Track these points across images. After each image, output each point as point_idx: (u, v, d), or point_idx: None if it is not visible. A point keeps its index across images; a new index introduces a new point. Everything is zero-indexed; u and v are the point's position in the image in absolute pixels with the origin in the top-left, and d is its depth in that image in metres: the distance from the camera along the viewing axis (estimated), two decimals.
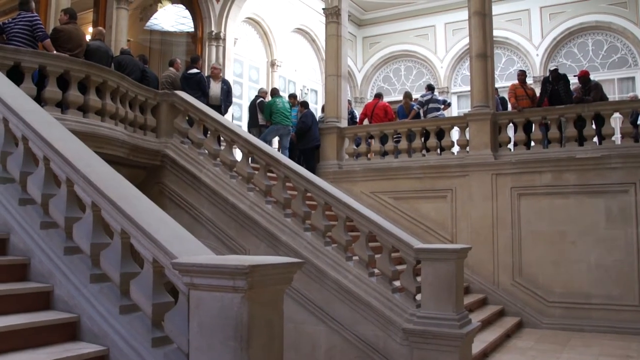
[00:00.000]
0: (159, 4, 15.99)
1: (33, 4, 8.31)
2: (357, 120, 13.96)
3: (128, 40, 12.46)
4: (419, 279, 6.80)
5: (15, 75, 6.83)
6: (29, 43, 7.79)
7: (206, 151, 8.82)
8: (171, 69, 10.97)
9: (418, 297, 6.84)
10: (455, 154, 11.34)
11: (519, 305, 10.10)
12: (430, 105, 12.48)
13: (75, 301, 4.03)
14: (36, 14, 8.20)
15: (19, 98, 5.15)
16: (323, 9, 13.33)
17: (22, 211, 4.69)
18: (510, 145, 11.10)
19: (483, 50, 11.11)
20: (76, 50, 8.17)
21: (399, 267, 7.24)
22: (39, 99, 6.98)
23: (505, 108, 12.17)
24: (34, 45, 7.84)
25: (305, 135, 12.40)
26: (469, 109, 11.44)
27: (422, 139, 11.59)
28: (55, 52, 7.86)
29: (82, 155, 4.49)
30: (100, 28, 10.06)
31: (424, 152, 11.58)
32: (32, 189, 4.66)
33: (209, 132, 9.00)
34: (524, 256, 10.23)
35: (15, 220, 4.67)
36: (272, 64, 17.78)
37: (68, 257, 4.26)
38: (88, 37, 9.66)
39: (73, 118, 7.30)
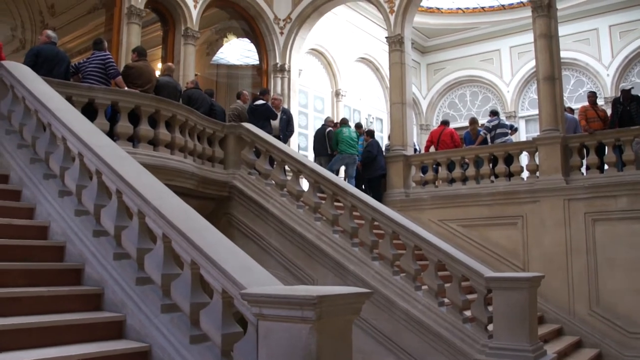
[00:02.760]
0: (225, 39, 16.43)
1: (106, 44, 8.66)
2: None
3: (196, 75, 12.80)
4: (490, 308, 6.62)
5: (90, 111, 7.10)
6: (102, 80, 8.10)
7: (273, 182, 8.90)
8: (238, 101, 11.16)
9: (490, 327, 6.66)
10: (525, 179, 11.08)
11: (598, 336, 9.65)
12: (498, 131, 12.26)
13: (147, 331, 4.08)
14: (108, 53, 8.53)
15: (92, 133, 5.34)
16: (386, 37, 13.35)
17: (97, 242, 4.82)
18: (583, 169, 10.75)
19: (550, 72, 10.86)
20: (146, 86, 8.43)
21: (470, 297, 7.10)
22: (112, 134, 7.23)
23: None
24: (107, 83, 8.15)
25: (371, 164, 12.40)
26: (538, 133, 11.18)
27: (490, 165, 11.38)
28: (126, 88, 8.14)
29: (153, 187, 4.59)
30: (170, 64, 10.35)
31: (492, 178, 11.36)
32: (105, 221, 4.78)
33: (275, 163, 9.09)
34: (600, 284, 9.79)
35: (89, 252, 4.80)
36: (337, 94, 17.90)
37: (140, 288, 4.33)
38: (158, 73, 9.96)
39: (144, 152, 7.52)
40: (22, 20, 14.71)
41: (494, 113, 12.94)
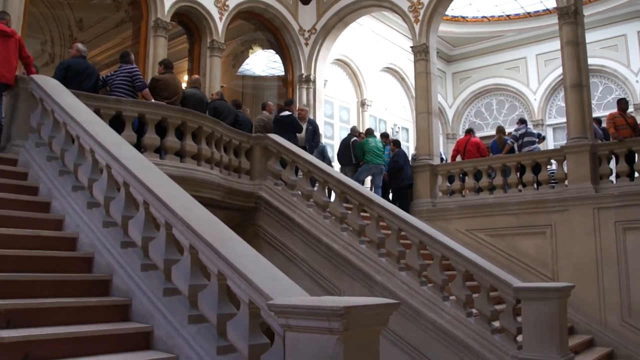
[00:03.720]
0: (250, 50, 16.55)
1: (133, 57, 8.76)
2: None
3: (222, 86, 12.90)
4: (519, 319, 6.54)
5: (117, 123, 7.18)
6: (129, 93, 8.18)
7: (299, 192, 8.90)
8: (264, 112, 11.20)
9: (519, 338, 6.57)
10: (553, 188, 10.94)
11: (631, 348, 9.44)
12: (525, 139, 12.17)
13: (174, 341, 4.09)
14: (135, 66, 8.62)
15: (120, 145, 5.38)
16: (411, 47, 13.35)
17: (124, 254, 4.85)
18: (612, 177, 10.59)
19: (578, 80, 10.74)
20: (173, 98, 8.50)
21: (498, 307, 7.01)
22: (139, 146, 7.30)
23: (608, 139, 11.65)
24: (134, 95, 8.23)
25: (397, 174, 12.36)
26: (566, 141, 11.05)
27: (518, 174, 11.27)
28: (153, 100, 8.22)
29: (180, 199, 4.61)
30: (196, 76, 10.44)
31: (520, 187, 11.24)
32: (133, 232, 4.82)
33: (300, 173, 9.09)
34: (633, 294, 9.59)
35: (117, 263, 4.83)
36: (362, 104, 17.90)
37: (167, 299, 4.34)
38: (184, 85, 10.04)
39: (171, 163, 7.58)
40: (52, 35, 14.97)
41: (521, 121, 12.85)
